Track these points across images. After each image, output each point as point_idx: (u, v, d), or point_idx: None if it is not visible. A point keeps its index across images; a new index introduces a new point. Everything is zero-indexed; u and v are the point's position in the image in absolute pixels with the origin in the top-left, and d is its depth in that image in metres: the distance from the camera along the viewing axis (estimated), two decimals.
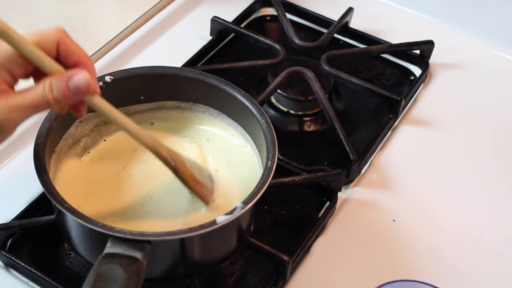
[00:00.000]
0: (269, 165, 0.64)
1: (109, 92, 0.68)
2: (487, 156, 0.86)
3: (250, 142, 0.72)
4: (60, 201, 0.58)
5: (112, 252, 0.56)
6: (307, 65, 0.89)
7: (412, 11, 1.06)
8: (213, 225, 0.59)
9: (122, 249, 0.56)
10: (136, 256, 0.55)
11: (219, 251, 0.66)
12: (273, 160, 0.64)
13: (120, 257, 0.55)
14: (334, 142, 0.82)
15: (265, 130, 0.68)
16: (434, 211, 0.78)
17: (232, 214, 0.60)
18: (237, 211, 0.60)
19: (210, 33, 0.96)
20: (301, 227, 0.75)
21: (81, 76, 0.54)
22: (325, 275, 0.71)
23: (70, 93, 0.54)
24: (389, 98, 0.87)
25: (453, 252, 0.74)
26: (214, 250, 0.65)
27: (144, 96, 0.73)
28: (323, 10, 1.02)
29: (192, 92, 0.73)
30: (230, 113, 0.74)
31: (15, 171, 0.77)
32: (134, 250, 0.56)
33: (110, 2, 1.01)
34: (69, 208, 0.58)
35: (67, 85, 0.54)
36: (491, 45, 1.01)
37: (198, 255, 0.64)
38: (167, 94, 0.74)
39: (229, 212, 0.60)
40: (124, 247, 0.56)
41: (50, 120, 0.65)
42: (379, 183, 0.81)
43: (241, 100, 0.70)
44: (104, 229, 0.57)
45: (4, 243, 0.69)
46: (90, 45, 0.92)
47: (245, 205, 0.60)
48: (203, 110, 0.75)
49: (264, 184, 0.62)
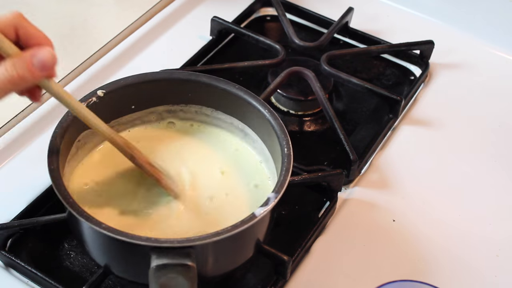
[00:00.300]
0: (286, 151, 0.64)
1: (103, 106, 0.68)
2: (487, 156, 0.85)
3: (251, 133, 0.72)
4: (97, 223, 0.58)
5: (164, 263, 0.55)
6: (307, 65, 0.89)
7: (412, 11, 1.06)
8: (253, 218, 0.59)
9: (170, 259, 0.56)
10: (187, 262, 0.56)
11: (247, 250, 0.66)
12: (288, 146, 0.65)
13: (174, 266, 0.55)
14: (334, 142, 0.82)
15: (270, 118, 0.68)
16: (434, 211, 0.78)
17: (268, 205, 0.60)
18: (272, 200, 0.60)
19: (210, 33, 0.96)
20: (301, 227, 0.75)
21: (45, 51, 0.54)
22: (325, 275, 0.71)
23: (35, 69, 0.53)
24: (389, 98, 0.87)
25: (453, 252, 0.74)
26: (242, 249, 0.65)
27: (135, 105, 0.73)
28: (323, 10, 1.02)
29: (184, 94, 0.73)
30: (225, 108, 0.73)
31: (15, 171, 0.77)
32: (181, 258, 0.56)
33: (110, 2, 1.01)
34: (108, 228, 0.57)
35: (31, 62, 0.53)
36: (491, 45, 1.01)
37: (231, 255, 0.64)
38: (159, 99, 0.73)
39: (264, 203, 0.60)
40: (171, 256, 0.56)
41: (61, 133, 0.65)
42: (379, 183, 0.81)
43: (237, 94, 0.70)
44: (149, 242, 0.56)
45: (4, 243, 0.69)
46: (90, 45, 0.92)
47: (277, 194, 0.61)
48: (195, 110, 0.75)
49: (288, 171, 0.62)
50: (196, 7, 1.03)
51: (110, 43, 0.93)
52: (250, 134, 0.73)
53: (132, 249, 0.59)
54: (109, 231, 0.57)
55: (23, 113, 0.82)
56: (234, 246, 0.63)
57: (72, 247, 0.71)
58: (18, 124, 0.82)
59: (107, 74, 0.89)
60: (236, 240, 0.62)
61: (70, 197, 0.59)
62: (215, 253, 0.62)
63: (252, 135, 0.73)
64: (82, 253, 0.71)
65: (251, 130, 0.73)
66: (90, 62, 0.90)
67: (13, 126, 0.81)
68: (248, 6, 1.02)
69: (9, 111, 0.82)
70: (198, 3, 1.03)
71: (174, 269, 0.55)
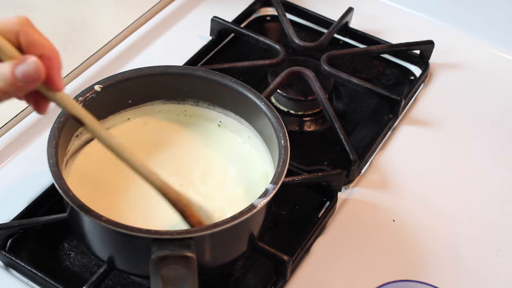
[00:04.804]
0: (283, 143, 0.65)
1: (100, 101, 0.69)
2: (487, 156, 0.85)
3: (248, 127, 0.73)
4: (97, 216, 0.58)
5: (164, 255, 0.56)
6: (307, 65, 0.89)
7: (412, 11, 1.06)
8: (253, 209, 0.59)
9: (171, 250, 0.56)
10: (186, 254, 0.56)
11: (243, 243, 0.66)
12: (285, 138, 0.65)
13: (175, 258, 0.56)
14: (334, 142, 0.82)
15: (266, 111, 0.68)
16: (434, 211, 0.78)
17: (267, 196, 0.60)
18: (270, 192, 0.60)
19: (210, 33, 0.96)
20: (301, 227, 0.75)
21: (29, 61, 0.49)
22: (325, 275, 0.71)
23: (16, 81, 0.49)
24: (389, 98, 0.87)
25: (453, 252, 0.74)
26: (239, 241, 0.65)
27: (132, 100, 0.73)
28: (323, 10, 1.02)
29: (180, 88, 0.73)
30: (222, 102, 0.74)
31: (15, 171, 0.77)
32: (182, 249, 0.56)
33: (110, 2, 1.01)
34: (108, 221, 0.57)
35: (13, 73, 0.48)
36: (491, 45, 1.01)
37: (230, 246, 0.65)
38: (155, 93, 0.74)
39: (262, 195, 0.60)
40: (171, 247, 0.56)
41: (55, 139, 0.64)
42: (379, 183, 0.81)
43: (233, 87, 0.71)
44: (150, 234, 0.56)
45: (4, 243, 0.69)
46: (90, 45, 0.92)
47: (275, 185, 0.61)
48: (192, 104, 0.75)
49: (286, 163, 0.63)
50: (196, 7, 1.03)
51: (110, 43, 0.93)
52: (247, 127, 0.73)
53: (133, 241, 0.59)
54: (110, 223, 0.57)
55: (23, 113, 0.82)
56: (233, 237, 0.63)
57: (72, 247, 0.71)
58: (18, 124, 0.82)
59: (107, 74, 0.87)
60: (235, 231, 0.62)
61: (70, 190, 0.59)
62: (214, 244, 0.62)
63: (249, 128, 0.73)
64: (82, 253, 0.71)
65: (248, 123, 0.73)
66: (90, 62, 0.90)
67: (13, 126, 0.81)
68: (248, 6, 1.02)
69: (9, 111, 0.82)
70: (198, 3, 1.03)
71: (174, 261, 0.56)
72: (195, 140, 0.74)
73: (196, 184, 0.69)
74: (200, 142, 0.74)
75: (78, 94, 0.68)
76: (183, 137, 0.74)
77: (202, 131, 0.75)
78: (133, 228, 0.57)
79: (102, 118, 0.71)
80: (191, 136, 0.74)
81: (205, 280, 0.69)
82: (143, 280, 0.69)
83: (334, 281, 0.71)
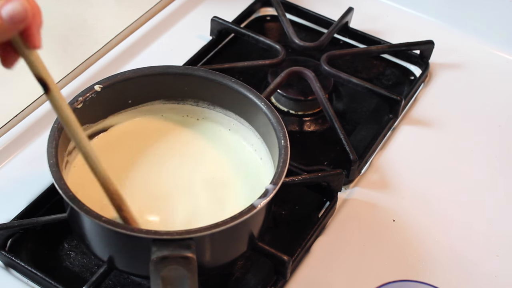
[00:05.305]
0: (283, 143, 0.65)
1: (100, 101, 0.69)
2: (488, 156, 0.85)
3: (248, 127, 0.73)
4: (97, 216, 0.58)
5: (164, 255, 0.56)
6: (307, 65, 0.89)
7: (412, 11, 1.06)
8: (252, 209, 0.59)
9: (171, 250, 0.56)
10: (186, 254, 0.56)
11: (242, 243, 0.66)
12: (285, 138, 0.65)
13: (175, 258, 0.56)
14: (334, 142, 0.82)
15: (266, 111, 0.68)
16: (434, 211, 0.78)
17: (266, 196, 0.60)
18: (270, 192, 0.60)
19: (210, 33, 0.96)
20: (301, 227, 0.75)
21: (16, 2, 0.48)
22: (325, 275, 0.71)
23: (2, 21, 0.47)
24: (389, 98, 0.87)
25: (453, 252, 0.74)
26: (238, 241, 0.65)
27: (132, 100, 0.73)
28: (323, 10, 1.03)
29: (180, 88, 0.73)
30: (222, 102, 0.74)
31: (15, 171, 0.77)
32: (182, 249, 0.56)
33: (110, 2, 1.01)
34: (108, 221, 0.57)
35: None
36: (491, 45, 1.01)
37: (229, 246, 0.65)
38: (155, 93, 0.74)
39: (262, 195, 0.60)
40: (171, 248, 0.56)
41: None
42: (379, 183, 0.81)
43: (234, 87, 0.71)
44: (150, 234, 0.57)
45: (4, 243, 0.69)
46: (89, 45, 0.92)
47: (275, 185, 0.61)
48: (192, 104, 0.75)
49: (286, 163, 0.63)
50: (196, 7, 1.03)
51: (110, 43, 0.93)
52: (247, 127, 0.73)
53: (133, 241, 0.59)
54: (110, 223, 0.57)
55: (23, 113, 0.82)
56: (233, 237, 0.63)
57: (72, 247, 0.71)
58: (18, 124, 0.82)
59: (107, 74, 0.87)
60: (235, 231, 0.62)
61: (70, 190, 0.59)
62: (214, 245, 0.62)
63: (249, 128, 0.73)
64: (82, 253, 0.71)
65: (248, 123, 0.73)
66: (90, 62, 0.90)
67: (13, 126, 0.81)
68: (248, 6, 1.02)
69: (9, 111, 0.82)
70: (198, 3, 1.03)
71: (174, 261, 0.56)
72: (195, 140, 0.74)
73: (196, 184, 0.69)
74: (200, 142, 0.74)
75: (78, 94, 0.68)
76: (183, 137, 0.74)
77: (202, 131, 0.75)
78: (133, 229, 0.57)
79: (102, 118, 0.72)
80: (191, 136, 0.74)
81: (205, 280, 0.69)
82: (143, 280, 0.69)
83: (334, 281, 0.71)
